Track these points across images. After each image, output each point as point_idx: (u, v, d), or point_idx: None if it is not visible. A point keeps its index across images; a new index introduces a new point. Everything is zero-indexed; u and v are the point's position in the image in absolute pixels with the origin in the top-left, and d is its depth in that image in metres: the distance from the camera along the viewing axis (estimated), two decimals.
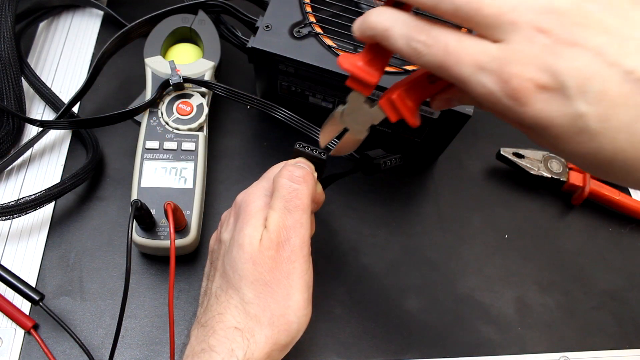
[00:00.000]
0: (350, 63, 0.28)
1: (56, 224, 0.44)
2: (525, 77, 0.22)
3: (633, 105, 0.21)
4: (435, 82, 0.28)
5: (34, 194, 0.41)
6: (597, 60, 0.21)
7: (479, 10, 0.23)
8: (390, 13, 0.25)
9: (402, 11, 0.25)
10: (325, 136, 0.34)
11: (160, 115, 0.43)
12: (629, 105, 0.21)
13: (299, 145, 0.36)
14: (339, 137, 0.34)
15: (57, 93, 0.49)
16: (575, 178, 0.48)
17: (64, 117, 0.45)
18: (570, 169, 0.49)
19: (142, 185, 0.41)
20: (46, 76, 0.51)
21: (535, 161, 0.49)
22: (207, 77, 0.45)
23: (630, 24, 0.22)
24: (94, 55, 0.53)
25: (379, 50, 0.27)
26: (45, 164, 0.46)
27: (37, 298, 0.38)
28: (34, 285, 0.40)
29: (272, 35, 0.42)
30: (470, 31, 0.25)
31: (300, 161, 0.35)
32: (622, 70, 0.21)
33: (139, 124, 0.44)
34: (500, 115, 0.24)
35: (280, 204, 0.32)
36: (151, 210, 0.38)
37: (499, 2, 0.22)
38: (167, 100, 0.44)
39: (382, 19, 0.25)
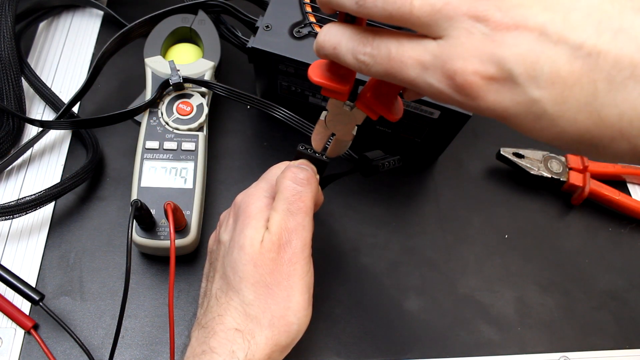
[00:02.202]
0: (320, 75, 0.28)
1: (56, 224, 0.44)
2: (469, 70, 0.21)
3: (588, 82, 0.20)
4: None
5: (34, 194, 0.41)
6: (541, 41, 0.20)
7: (411, 12, 0.22)
8: (336, 30, 0.25)
9: (348, 25, 0.25)
10: (317, 142, 0.35)
11: (160, 115, 0.43)
12: (583, 83, 0.20)
13: (302, 147, 0.36)
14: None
15: (57, 93, 0.49)
16: (575, 178, 0.48)
17: (64, 117, 0.45)
18: (570, 169, 0.49)
19: (142, 185, 0.41)
20: (46, 76, 0.51)
21: (535, 161, 0.49)
22: (207, 77, 0.45)
23: None
24: (94, 55, 0.53)
25: None
26: (45, 164, 0.46)
27: (37, 298, 0.38)
28: (34, 285, 0.40)
29: (272, 35, 0.42)
30: None
31: (304, 163, 0.35)
32: (569, 46, 0.20)
33: (139, 124, 0.44)
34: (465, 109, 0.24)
35: (283, 206, 0.32)
36: (151, 210, 0.38)
37: (430, 0, 0.21)
38: (167, 100, 0.44)
39: (328, 38, 0.25)
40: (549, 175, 0.48)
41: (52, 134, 0.48)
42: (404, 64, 0.23)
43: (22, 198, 0.40)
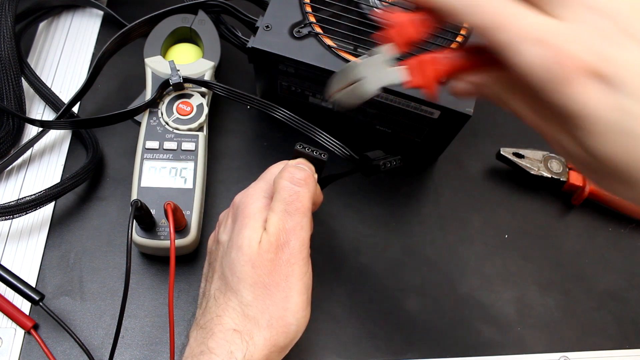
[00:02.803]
0: (397, 15, 0.26)
1: (56, 224, 0.44)
2: (581, 58, 0.21)
3: None
4: (470, 60, 0.27)
5: (34, 194, 0.41)
6: None
7: None
8: None
9: None
10: (334, 85, 0.31)
11: (160, 115, 0.43)
12: None
13: (300, 146, 0.36)
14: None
15: (57, 93, 0.49)
16: (575, 178, 0.48)
17: (64, 117, 0.45)
18: (570, 169, 0.49)
19: (142, 185, 0.41)
20: (46, 76, 0.51)
21: (535, 161, 0.49)
22: (207, 77, 0.45)
23: None
24: (94, 55, 0.53)
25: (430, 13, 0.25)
26: (45, 164, 0.46)
27: (37, 298, 0.38)
28: (34, 285, 0.40)
29: (272, 35, 0.42)
30: None
31: (301, 162, 0.35)
32: None
33: (139, 124, 0.44)
34: (533, 95, 0.23)
35: (280, 207, 0.32)
36: (151, 210, 0.38)
37: None
38: (167, 100, 0.44)
39: None
40: (549, 175, 0.48)
41: (52, 134, 0.48)
42: (517, 27, 0.22)
43: (22, 198, 0.40)
